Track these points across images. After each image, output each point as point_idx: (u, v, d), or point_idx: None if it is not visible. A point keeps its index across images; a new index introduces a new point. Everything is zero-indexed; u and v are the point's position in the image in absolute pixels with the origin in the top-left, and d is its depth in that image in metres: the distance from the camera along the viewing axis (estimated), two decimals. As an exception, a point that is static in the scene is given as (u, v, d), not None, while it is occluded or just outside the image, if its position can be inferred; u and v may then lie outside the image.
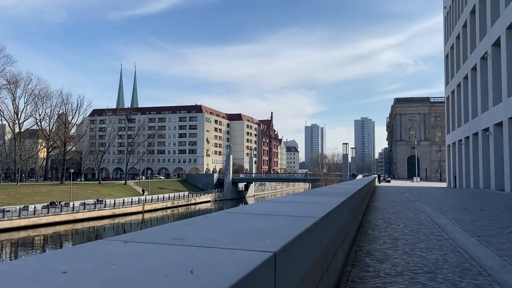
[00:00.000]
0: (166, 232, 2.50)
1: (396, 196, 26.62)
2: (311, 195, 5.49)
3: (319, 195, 5.43)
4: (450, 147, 53.96)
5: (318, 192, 6.31)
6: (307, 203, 4.50)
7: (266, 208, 3.88)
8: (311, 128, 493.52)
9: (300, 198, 5.16)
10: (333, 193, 6.46)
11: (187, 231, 2.54)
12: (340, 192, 6.56)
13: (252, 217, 3.33)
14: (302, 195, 5.50)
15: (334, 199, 4.98)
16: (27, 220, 53.20)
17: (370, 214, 14.17)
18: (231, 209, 4.33)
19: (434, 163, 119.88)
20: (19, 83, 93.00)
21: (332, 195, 5.93)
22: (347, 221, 5.90)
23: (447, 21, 56.19)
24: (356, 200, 7.86)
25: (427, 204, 19.27)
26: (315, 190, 6.77)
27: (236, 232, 2.52)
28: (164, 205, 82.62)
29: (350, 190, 7.78)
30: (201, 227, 2.78)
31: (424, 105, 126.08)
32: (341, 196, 5.76)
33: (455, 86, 49.84)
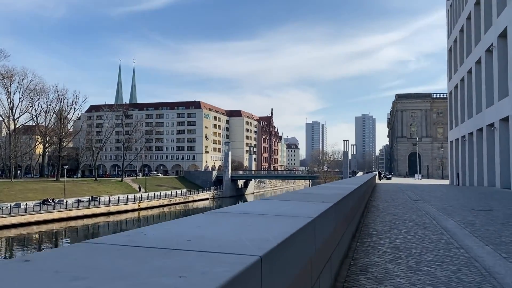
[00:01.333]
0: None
1: (397, 194, 25.21)
2: (284, 200, 4.06)
3: (298, 200, 4.02)
4: (453, 143, 52.51)
5: (299, 195, 4.88)
6: (270, 216, 3.07)
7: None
8: (312, 125, 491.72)
9: (266, 206, 3.73)
10: (320, 196, 5.03)
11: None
12: (328, 195, 5.13)
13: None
14: (271, 201, 4.02)
15: (314, 207, 3.58)
16: (18, 218, 51.88)
17: (369, 215, 12.75)
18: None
19: (436, 159, 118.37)
20: (14, 78, 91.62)
21: (317, 199, 4.51)
22: (336, 231, 4.50)
23: (450, 14, 54.66)
24: (350, 203, 6.45)
25: (431, 204, 17.85)
26: (296, 192, 5.33)
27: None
28: (161, 203, 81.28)
29: (343, 190, 6.37)
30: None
31: (426, 101, 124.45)
32: (328, 199, 4.37)
33: (458, 81, 48.36)
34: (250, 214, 3.25)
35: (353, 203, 7.23)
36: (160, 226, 2.67)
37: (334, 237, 4.18)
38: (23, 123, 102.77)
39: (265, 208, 3.60)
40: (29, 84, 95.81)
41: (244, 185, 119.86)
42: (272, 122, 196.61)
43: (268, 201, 4.19)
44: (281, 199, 4.13)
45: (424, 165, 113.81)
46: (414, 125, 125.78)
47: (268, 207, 3.72)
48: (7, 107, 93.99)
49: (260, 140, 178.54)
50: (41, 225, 54.87)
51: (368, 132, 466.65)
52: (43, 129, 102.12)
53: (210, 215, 3.23)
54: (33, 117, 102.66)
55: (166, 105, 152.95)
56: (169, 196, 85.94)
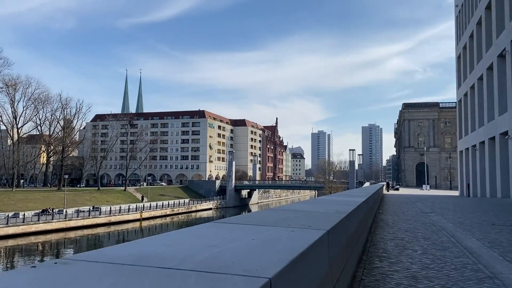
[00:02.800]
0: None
1: (406, 206, 23.64)
2: (243, 224, 2.60)
3: (270, 225, 2.59)
4: (463, 153, 50.72)
5: (279, 213, 3.41)
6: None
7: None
8: (318, 135, 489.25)
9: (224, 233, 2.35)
10: (311, 217, 3.59)
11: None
12: (322, 214, 3.67)
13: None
14: (216, 227, 2.56)
15: (288, 244, 2.18)
16: (15, 228, 50.63)
17: (378, 231, 11.26)
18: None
19: (444, 170, 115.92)
20: (18, 86, 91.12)
21: (304, 221, 3.08)
22: (333, 267, 3.07)
23: (458, 20, 53.27)
24: (355, 222, 5.01)
25: (445, 217, 16.30)
26: (277, 210, 3.81)
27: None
28: (163, 213, 79.81)
29: (345, 205, 4.95)
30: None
31: (433, 110, 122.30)
32: (319, 222, 2.97)
33: (468, 89, 46.78)
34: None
35: (358, 220, 5.81)
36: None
37: (328, 277, 2.77)
38: (27, 132, 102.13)
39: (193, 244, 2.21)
40: (33, 93, 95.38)
41: (248, 195, 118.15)
42: (277, 131, 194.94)
43: (211, 228, 2.74)
44: (236, 222, 2.71)
45: (432, 175, 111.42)
46: (422, 135, 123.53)
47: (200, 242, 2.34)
48: (11, 116, 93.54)
49: (264, 150, 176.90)
50: (39, 235, 53.59)
51: (375, 142, 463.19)
52: (47, 138, 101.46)
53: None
54: (37, 126, 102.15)
55: (170, 114, 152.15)
56: (171, 206, 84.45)
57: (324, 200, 6.77)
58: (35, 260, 44.08)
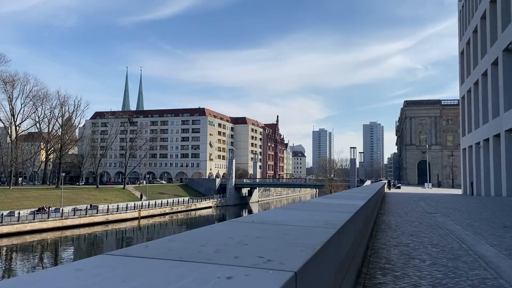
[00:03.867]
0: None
1: (409, 206, 22.63)
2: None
3: (207, 261, 1.61)
4: (466, 150, 49.65)
5: (239, 230, 2.42)
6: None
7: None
8: (319, 133, 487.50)
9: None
10: (282, 234, 2.51)
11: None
12: (303, 230, 2.61)
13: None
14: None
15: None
16: (10, 227, 49.73)
17: (380, 236, 10.26)
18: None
19: (446, 168, 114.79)
20: (15, 83, 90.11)
21: (273, 245, 2.07)
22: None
23: (462, 14, 52.11)
24: (351, 235, 4.00)
25: (451, 218, 15.28)
26: (243, 222, 2.82)
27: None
28: (162, 211, 78.86)
29: (339, 216, 3.89)
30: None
31: (435, 108, 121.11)
32: (294, 252, 1.95)
33: (471, 85, 45.68)
34: None
35: (356, 231, 4.82)
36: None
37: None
38: (25, 129, 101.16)
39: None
40: (31, 90, 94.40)
41: (248, 193, 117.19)
42: (277, 129, 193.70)
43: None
44: (138, 254, 1.72)
45: (433, 173, 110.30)
46: (423, 132, 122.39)
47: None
48: (9, 113, 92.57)
49: (265, 148, 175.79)
50: (34, 234, 52.69)
51: (376, 140, 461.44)
52: (46, 136, 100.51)
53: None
54: (35, 123, 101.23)
55: (170, 112, 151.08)
56: (171, 204, 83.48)
57: (315, 204, 5.73)
58: (30, 259, 43.21)
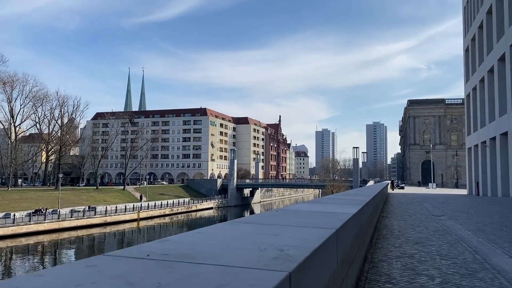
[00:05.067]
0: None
1: (413, 207, 21.42)
2: None
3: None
4: (471, 149, 48.30)
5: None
6: None
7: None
8: (322, 133, 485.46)
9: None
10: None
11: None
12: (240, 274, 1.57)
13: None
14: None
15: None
16: (4, 229, 48.72)
17: (380, 243, 9.08)
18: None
19: (450, 168, 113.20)
20: (14, 84, 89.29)
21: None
22: None
23: (467, 11, 50.78)
24: (334, 257, 2.85)
25: (459, 222, 14.08)
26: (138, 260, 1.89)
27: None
28: (162, 212, 77.76)
29: (313, 233, 2.76)
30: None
31: (439, 107, 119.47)
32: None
33: (477, 82, 44.37)
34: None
35: (345, 249, 3.66)
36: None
37: None
38: (25, 130, 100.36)
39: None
40: (30, 90, 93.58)
41: (250, 194, 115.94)
42: (280, 129, 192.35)
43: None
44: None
45: (438, 173, 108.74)
46: (427, 132, 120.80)
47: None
48: (8, 114, 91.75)
49: (267, 148, 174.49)
50: (30, 236, 51.72)
51: (379, 140, 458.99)
52: (46, 137, 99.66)
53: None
54: (35, 124, 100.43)
55: (172, 112, 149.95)
56: (171, 205, 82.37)
57: (287, 213, 4.40)
58: (24, 262, 42.20)
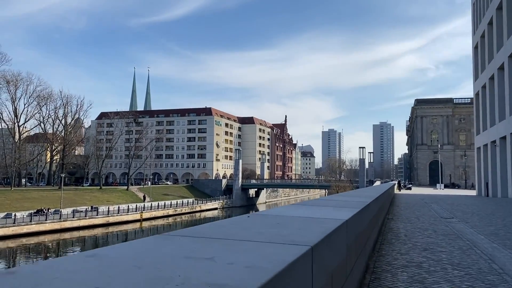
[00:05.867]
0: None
1: (421, 209, 20.39)
2: None
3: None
4: (481, 149, 47.04)
5: None
6: None
7: None
8: (328, 133, 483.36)
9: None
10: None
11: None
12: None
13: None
14: None
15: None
16: (5, 230, 48.21)
17: (385, 250, 8.13)
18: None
19: (459, 168, 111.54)
20: (18, 83, 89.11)
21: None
22: None
23: (476, 7, 49.55)
24: (335, 257, 1.98)
25: (471, 225, 13.08)
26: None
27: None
28: (165, 213, 77.04)
29: (276, 253, 1.92)
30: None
31: (447, 106, 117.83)
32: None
33: (486, 80, 43.16)
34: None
35: (349, 246, 2.76)
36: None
37: None
38: (29, 130, 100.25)
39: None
40: (34, 90, 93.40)
41: (255, 194, 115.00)
42: (286, 129, 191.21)
43: None
44: None
45: (446, 173, 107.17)
46: (435, 132, 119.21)
47: None
48: (12, 113, 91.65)
49: (273, 148, 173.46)
50: (31, 237, 51.18)
51: (386, 140, 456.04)
52: (50, 136, 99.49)
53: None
54: (39, 123, 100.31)
55: (176, 112, 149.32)
56: (174, 206, 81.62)
57: (266, 218, 3.48)
58: (26, 262, 41.62)
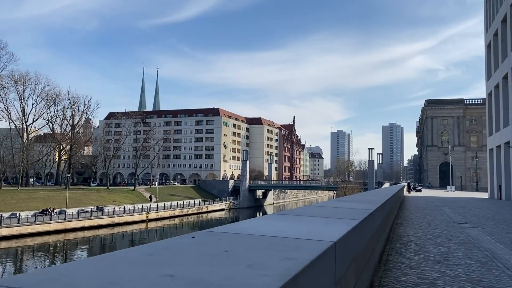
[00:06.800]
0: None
1: (432, 212, 19.37)
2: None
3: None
4: (493, 151, 45.67)
5: None
6: None
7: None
8: (337, 134, 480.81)
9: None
10: None
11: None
12: None
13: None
14: None
15: None
16: (9, 230, 47.90)
17: (392, 262, 7.21)
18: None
19: (470, 170, 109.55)
20: (26, 83, 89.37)
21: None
22: None
23: (488, 4, 48.23)
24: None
25: (487, 231, 12.08)
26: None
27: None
28: (172, 213, 76.47)
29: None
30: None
31: (458, 107, 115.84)
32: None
33: (500, 79, 41.85)
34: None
35: (337, 278, 1.91)
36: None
37: None
38: (36, 129, 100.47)
39: None
40: (42, 89, 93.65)
41: (263, 195, 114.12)
42: (294, 130, 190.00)
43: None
44: None
45: (456, 175, 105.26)
46: (445, 133, 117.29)
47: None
48: (20, 113, 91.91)
49: (281, 149, 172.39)
50: (36, 237, 50.83)
51: (396, 142, 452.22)
52: (58, 136, 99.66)
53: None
54: (47, 123, 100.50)
55: (184, 112, 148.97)
56: (181, 206, 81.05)
57: (214, 238, 2.60)
58: (27, 263, 41.21)
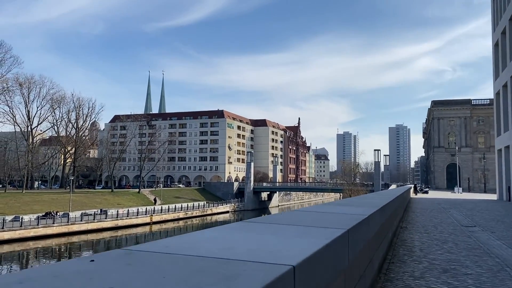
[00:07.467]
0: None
1: (438, 215, 18.66)
2: None
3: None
4: (502, 151, 44.70)
5: None
6: None
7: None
8: (343, 136, 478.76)
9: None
10: None
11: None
12: None
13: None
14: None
15: None
16: (11, 233, 47.59)
17: (394, 272, 6.57)
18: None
19: (477, 171, 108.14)
20: (31, 86, 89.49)
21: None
22: None
23: (496, 2, 47.32)
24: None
25: (497, 235, 11.39)
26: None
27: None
28: (176, 216, 75.97)
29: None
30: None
31: (465, 108, 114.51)
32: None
33: (508, 78, 40.91)
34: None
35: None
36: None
37: None
38: (42, 132, 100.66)
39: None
40: (47, 92, 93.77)
41: (268, 197, 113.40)
42: (299, 132, 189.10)
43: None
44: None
45: (464, 177, 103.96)
46: (452, 134, 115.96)
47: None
48: (25, 116, 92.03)
49: (286, 151, 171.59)
50: (39, 240, 50.52)
51: (402, 143, 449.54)
52: (63, 139, 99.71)
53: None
54: (52, 126, 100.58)
55: (189, 114, 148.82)
56: (185, 209, 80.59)
57: (135, 260, 2.08)
58: (27, 266, 40.83)
